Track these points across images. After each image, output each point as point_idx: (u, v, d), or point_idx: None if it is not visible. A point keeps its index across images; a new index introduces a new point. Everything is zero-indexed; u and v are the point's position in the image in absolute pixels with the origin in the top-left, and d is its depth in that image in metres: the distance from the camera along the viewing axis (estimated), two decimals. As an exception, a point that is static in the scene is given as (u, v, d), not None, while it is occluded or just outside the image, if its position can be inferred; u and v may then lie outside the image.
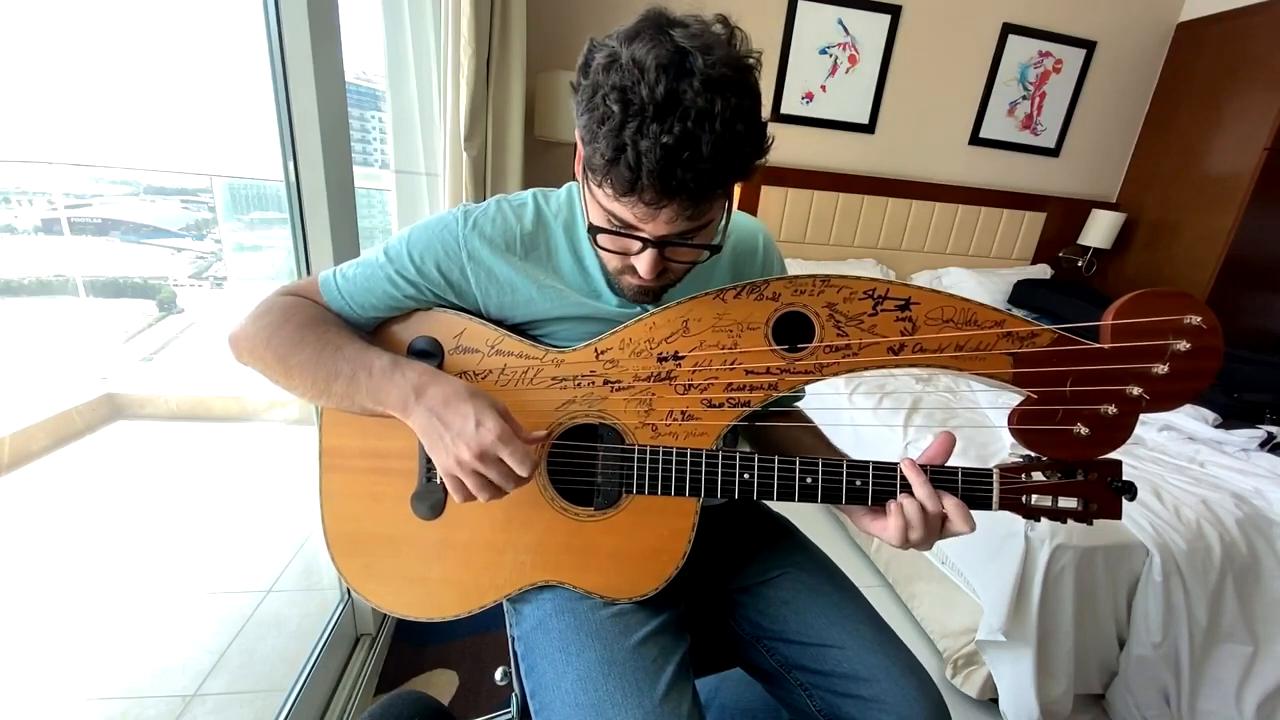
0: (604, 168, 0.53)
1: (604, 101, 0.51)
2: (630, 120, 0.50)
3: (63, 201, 0.96)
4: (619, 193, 0.54)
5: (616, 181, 0.53)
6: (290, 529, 1.49)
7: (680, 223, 0.56)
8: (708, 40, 0.52)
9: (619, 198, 0.55)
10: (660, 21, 0.53)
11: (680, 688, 0.64)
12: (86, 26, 0.92)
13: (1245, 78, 2.43)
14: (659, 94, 0.50)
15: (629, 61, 0.51)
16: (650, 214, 0.55)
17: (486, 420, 0.57)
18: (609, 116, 0.51)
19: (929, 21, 2.56)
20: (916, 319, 0.62)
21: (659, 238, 0.57)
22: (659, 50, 0.50)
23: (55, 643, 0.96)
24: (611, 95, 0.51)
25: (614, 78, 0.51)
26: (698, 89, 0.50)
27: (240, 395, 1.51)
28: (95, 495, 1.13)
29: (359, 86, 1.65)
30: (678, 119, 0.50)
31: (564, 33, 2.32)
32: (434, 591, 0.71)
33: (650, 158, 0.50)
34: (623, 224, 0.58)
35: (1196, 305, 0.58)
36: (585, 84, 0.54)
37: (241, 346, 0.67)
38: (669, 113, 0.50)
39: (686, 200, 0.54)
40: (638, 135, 0.50)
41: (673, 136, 0.50)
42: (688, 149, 0.50)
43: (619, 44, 0.53)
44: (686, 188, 0.52)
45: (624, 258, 0.61)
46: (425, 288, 0.68)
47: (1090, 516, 0.65)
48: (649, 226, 0.57)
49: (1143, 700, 1.34)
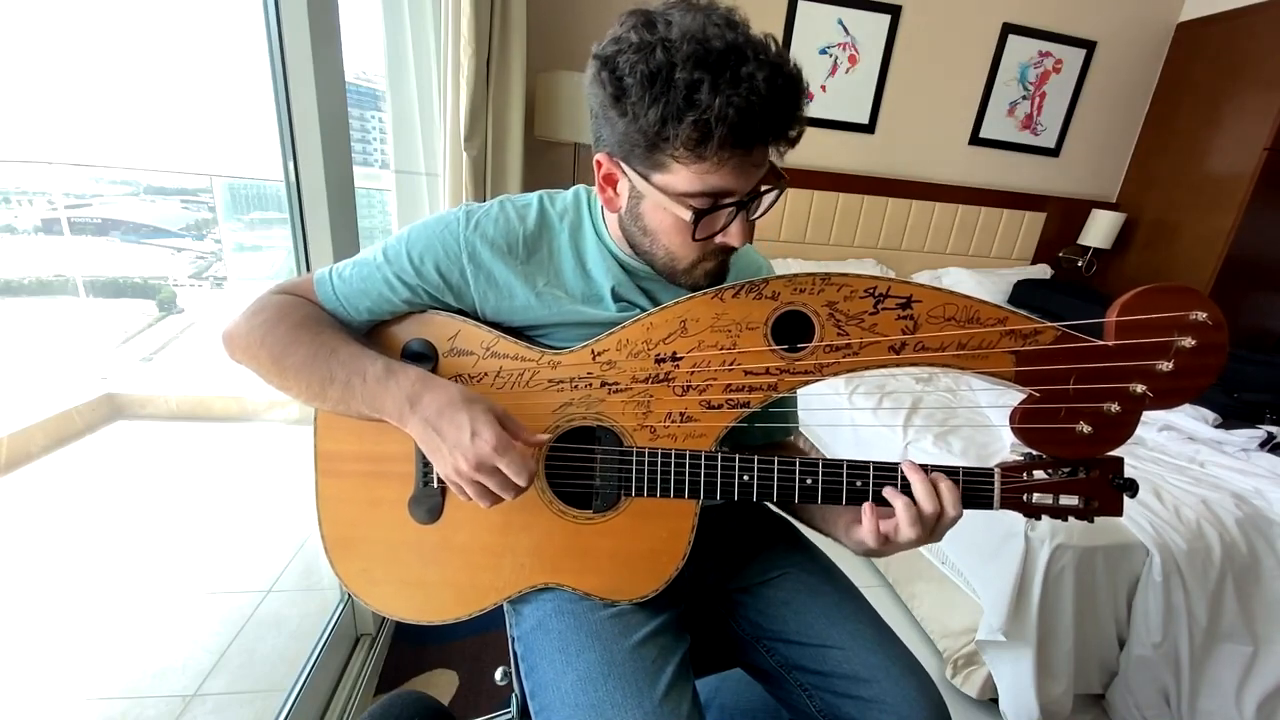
0: (712, 131, 0.53)
1: (682, 75, 0.52)
2: (720, 75, 0.51)
3: (63, 201, 0.96)
4: (733, 148, 0.54)
5: (730, 136, 0.53)
6: (290, 529, 1.49)
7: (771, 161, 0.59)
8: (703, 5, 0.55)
9: (731, 156, 0.55)
10: (651, 12, 0.55)
11: (680, 688, 0.64)
12: (86, 26, 0.92)
13: (1245, 78, 2.43)
14: (731, 41, 0.52)
15: (681, 35, 0.52)
16: (754, 161, 0.57)
17: (482, 430, 0.57)
18: (700, 82, 0.52)
19: (929, 21, 2.56)
20: (918, 317, 0.62)
21: (749, 192, 0.59)
22: (691, 17, 0.53)
23: (55, 643, 0.96)
24: (688, 64, 0.52)
25: (679, 52, 0.52)
26: (746, 30, 0.54)
27: (240, 395, 1.51)
28: (95, 495, 1.13)
29: (359, 86, 1.65)
30: (755, 58, 0.52)
31: (564, 33, 2.31)
32: (433, 595, 0.71)
33: (759, 95, 0.52)
34: (711, 200, 0.58)
35: (1202, 301, 0.57)
36: (634, 83, 0.54)
37: (236, 345, 0.66)
38: (746, 56, 0.52)
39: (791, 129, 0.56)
40: (734, 84, 0.51)
41: (766, 69, 0.52)
42: (780, 75, 0.53)
43: (640, 37, 0.54)
44: (792, 112, 0.55)
45: (708, 244, 0.62)
46: (422, 290, 0.68)
47: (1092, 514, 0.65)
48: (747, 180, 0.58)
49: (1143, 700, 1.34)
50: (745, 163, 0.56)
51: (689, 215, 0.58)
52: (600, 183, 0.64)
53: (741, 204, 0.59)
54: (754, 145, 0.55)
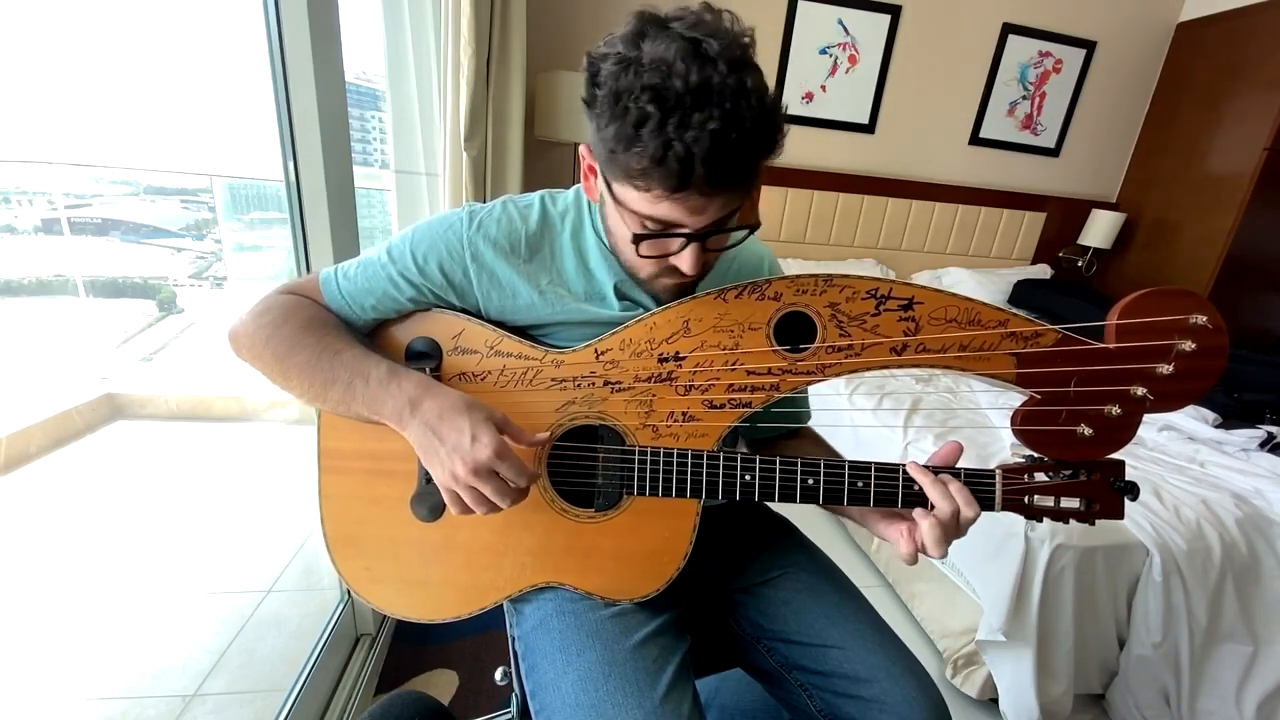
0: (651, 170, 0.52)
1: (636, 104, 0.51)
2: (671, 115, 0.50)
3: (63, 201, 0.96)
4: (669, 190, 0.53)
5: (666, 180, 0.52)
6: (290, 529, 1.49)
7: (728, 207, 0.56)
8: (708, 26, 0.52)
9: (669, 196, 0.54)
10: (655, 19, 0.53)
11: (680, 688, 0.64)
12: (86, 26, 0.92)
13: (1245, 78, 2.43)
14: (693, 83, 0.49)
15: (651, 61, 0.50)
16: (702, 204, 0.55)
17: (482, 435, 0.57)
18: (647, 117, 0.50)
19: (929, 21, 2.56)
20: (920, 319, 0.62)
21: (703, 228, 0.57)
22: (673, 44, 0.50)
23: (55, 643, 0.96)
24: (644, 96, 0.50)
25: (641, 79, 0.50)
26: (725, 71, 0.50)
27: (240, 395, 1.51)
28: (95, 495, 1.13)
29: (359, 86, 1.65)
30: (716, 105, 0.50)
31: (564, 33, 2.31)
32: (435, 593, 0.71)
33: (700, 146, 0.50)
34: (661, 225, 0.57)
35: (1202, 304, 0.58)
36: (602, 95, 0.53)
37: (241, 343, 0.66)
38: (707, 100, 0.50)
39: (738, 182, 0.54)
40: (681, 129, 0.50)
41: (718, 121, 0.49)
42: (734, 129, 0.50)
43: (625, 48, 0.52)
44: (739, 169, 0.53)
45: (662, 261, 0.61)
46: (427, 289, 0.68)
47: (1093, 516, 0.65)
48: (696, 219, 0.56)
49: (1143, 700, 1.34)
50: (685, 202, 0.54)
51: (629, 235, 0.58)
52: (584, 171, 0.65)
53: (693, 236, 0.57)
54: (690, 190, 0.53)
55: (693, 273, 0.60)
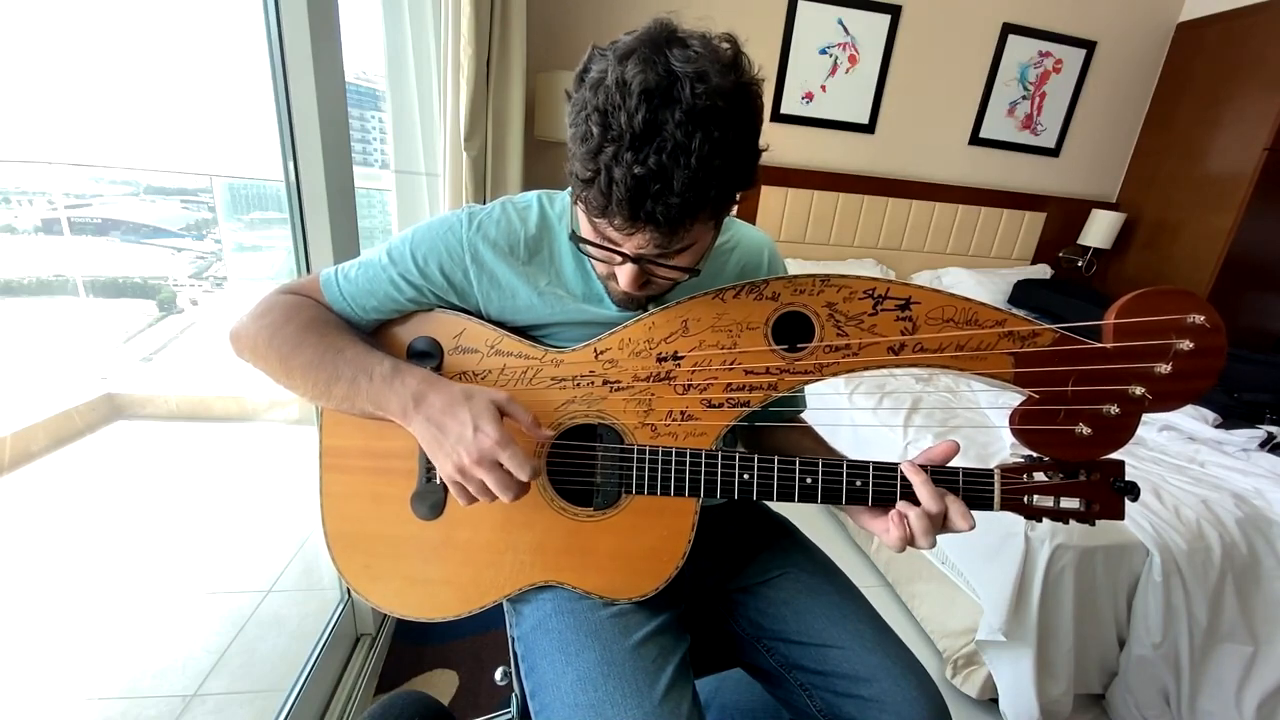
0: (580, 186, 0.54)
1: (586, 120, 0.51)
2: (607, 145, 0.50)
3: (63, 201, 0.96)
4: (592, 212, 0.55)
5: (591, 200, 0.54)
6: (290, 529, 1.49)
7: (652, 247, 0.56)
8: (703, 66, 0.50)
9: (596, 215, 0.55)
10: (661, 38, 0.51)
11: (680, 688, 0.64)
12: (86, 26, 0.92)
13: (1245, 78, 2.43)
14: (637, 123, 0.49)
15: (614, 83, 0.50)
16: (627, 233, 0.55)
17: (485, 425, 0.57)
18: (588, 136, 0.51)
19: (929, 21, 2.56)
20: (917, 319, 0.62)
21: (637, 254, 0.57)
22: (648, 74, 0.49)
23: (55, 643, 0.96)
24: (594, 116, 0.50)
25: (599, 97, 0.50)
26: (679, 120, 0.49)
27: (240, 395, 1.51)
28: (95, 495, 1.13)
29: (359, 86, 1.65)
30: (654, 150, 0.49)
31: (564, 33, 2.31)
32: (435, 592, 0.71)
33: (621, 186, 0.50)
34: (597, 234, 0.58)
35: (1199, 304, 0.58)
36: (576, 97, 0.54)
37: (243, 344, 0.67)
38: (645, 143, 0.49)
39: (656, 229, 0.53)
40: (612, 162, 0.50)
41: (645, 168, 0.49)
42: (658, 182, 0.50)
43: (614, 59, 0.51)
44: (655, 219, 0.52)
45: (608, 265, 0.62)
46: (427, 289, 0.68)
47: (1093, 517, 0.65)
48: (626, 245, 0.57)
49: (1143, 700, 1.34)
50: (607, 229, 0.55)
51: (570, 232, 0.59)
52: None
53: (628, 258, 0.57)
54: (609, 220, 0.53)
55: (627, 289, 0.60)
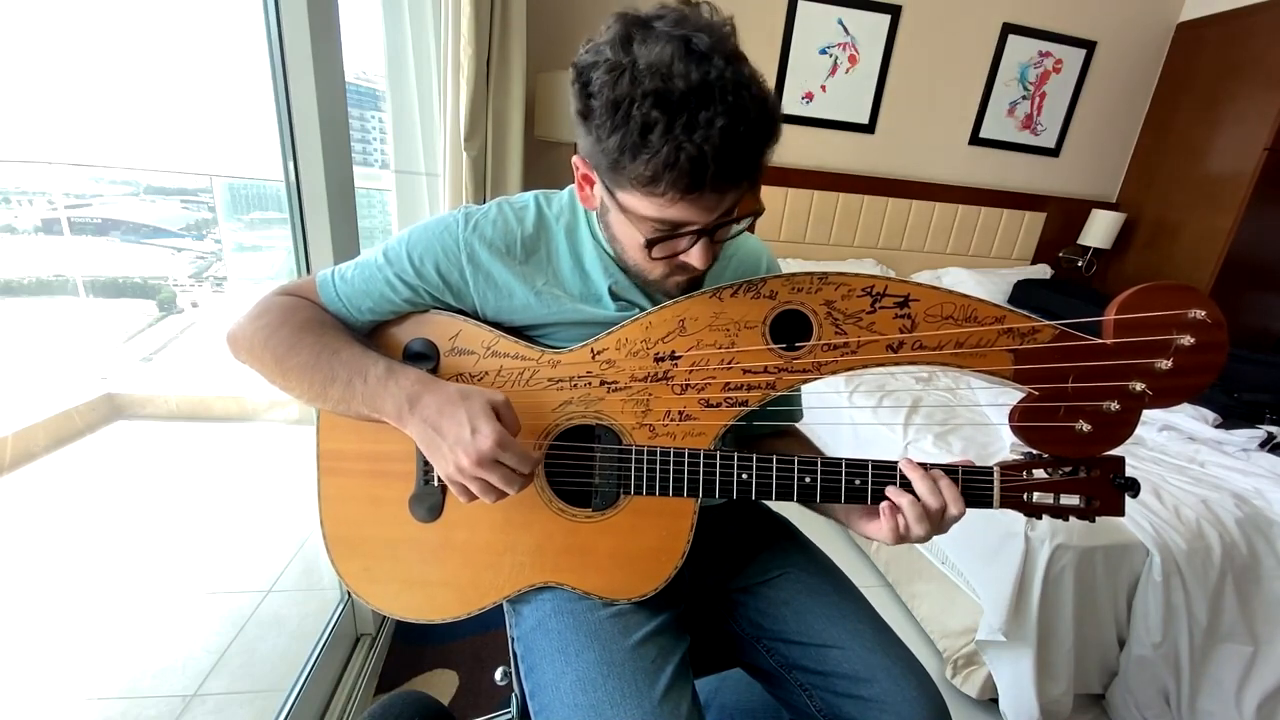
0: (663, 174, 0.52)
1: (639, 111, 0.50)
2: (677, 118, 0.50)
3: (63, 201, 0.96)
4: (683, 192, 0.53)
5: (679, 182, 0.52)
6: (290, 529, 1.49)
7: (738, 199, 0.57)
8: (693, 21, 0.52)
9: (683, 197, 0.54)
10: (638, 20, 0.53)
11: (680, 688, 0.64)
12: (87, 26, 0.92)
13: (1245, 78, 2.43)
14: (694, 82, 0.49)
15: (647, 66, 0.50)
16: (716, 202, 0.55)
17: (481, 426, 0.57)
18: (654, 123, 0.50)
19: (929, 21, 2.56)
20: (915, 316, 0.62)
21: (711, 223, 0.57)
22: (664, 45, 0.50)
23: (55, 643, 0.96)
24: (646, 103, 0.50)
25: (641, 85, 0.50)
26: (722, 65, 0.50)
27: (240, 395, 1.51)
28: (95, 495, 1.13)
29: (359, 86, 1.65)
30: (719, 100, 0.50)
31: (564, 33, 2.32)
32: (434, 594, 0.71)
33: (711, 145, 0.50)
34: (671, 226, 0.57)
35: (1200, 299, 0.57)
36: (599, 105, 0.52)
37: (239, 345, 0.67)
38: (710, 98, 0.50)
39: (748, 175, 0.54)
40: (689, 130, 0.50)
41: (725, 117, 0.50)
42: (741, 122, 0.50)
43: (615, 54, 0.51)
44: (749, 161, 0.53)
45: (672, 260, 0.61)
46: (423, 290, 0.68)
47: (1093, 514, 0.65)
48: (707, 216, 0.56)
49: (1143, 700, 1.34)
50: (700, 202, 0.55)
51: (641, 240, 0.58)
52: (579, 181, 0.64)
53: (703, 232, 0.57)
54: (705, 190, 0.53)
55: (705, 266, 0.60)
